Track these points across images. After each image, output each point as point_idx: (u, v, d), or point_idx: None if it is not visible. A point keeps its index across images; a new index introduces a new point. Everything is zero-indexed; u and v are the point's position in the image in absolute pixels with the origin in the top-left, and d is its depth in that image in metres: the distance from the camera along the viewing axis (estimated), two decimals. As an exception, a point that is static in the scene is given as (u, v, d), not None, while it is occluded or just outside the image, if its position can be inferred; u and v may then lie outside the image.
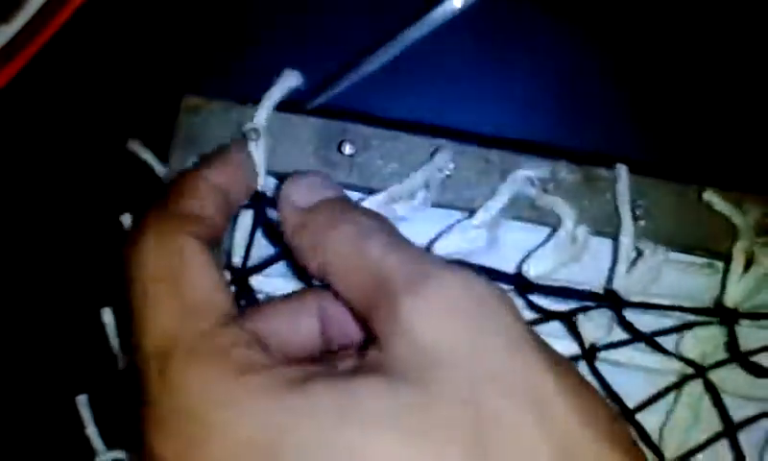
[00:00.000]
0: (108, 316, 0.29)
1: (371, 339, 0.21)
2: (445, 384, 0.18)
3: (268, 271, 0.28)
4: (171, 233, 0.21)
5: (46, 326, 0.32)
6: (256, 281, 0.28)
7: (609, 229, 0.28)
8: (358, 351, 0.22)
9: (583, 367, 0.28)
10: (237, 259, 0.27)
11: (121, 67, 0.32)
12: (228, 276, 0.27)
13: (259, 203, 0.27)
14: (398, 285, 0.20)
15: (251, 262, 0.28)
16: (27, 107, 0.32)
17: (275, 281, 0.28)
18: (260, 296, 0.28)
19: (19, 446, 0.32)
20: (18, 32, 0.29)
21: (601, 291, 0.27)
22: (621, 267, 0.27)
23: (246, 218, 0.27)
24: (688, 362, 0.28)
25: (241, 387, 0.18)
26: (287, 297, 0.25)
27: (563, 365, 0.19)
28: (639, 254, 0.27)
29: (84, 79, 0.32)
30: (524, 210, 0.28)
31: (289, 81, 0.27)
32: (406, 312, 0.19)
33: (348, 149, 0.27)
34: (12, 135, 0.32)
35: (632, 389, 0.28)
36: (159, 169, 0.27)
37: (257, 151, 0.26)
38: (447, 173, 0.27)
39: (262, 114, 0.27)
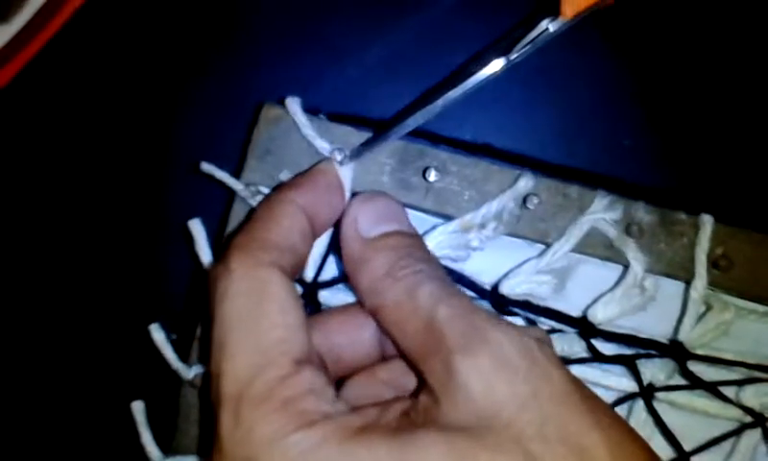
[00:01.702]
0: (157, 333, 0.28)
1: (421, 382, 0.22)
2: (496, 436, 0.19)
3: (336, 285, 0.28)
4: (256, 266, 0.22)
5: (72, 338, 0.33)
6: (323, 296, 0.28)
7: (682, 273, 0.28)
8: (410, 395, 0.23)
9: (639, 405, 0.29)
10: (308, 273, 0.28)
11: (121, 67, 0.32)
12: (298, 289, 0.27)
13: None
14: (452, 342, 0.21)
15: (320, 275, 0.28)
16: (27, 107, 0.32)
17: (342, 296, 0.28)
18: (325, 309, 0.29)
19: (75, 452, 0.33)
20: (18, 32, 0.29)
21: (666, 341, 0.27)
22: (689, 321, 0.27)
23: (323, 235, 0.27)
24: (748, 411, 0.28)
25: (306, 439, 0.19)
26: (351, 310, 0.26)
27: (607, 417, 0.20)
28: (709, 307, 0.27)
29: (84, 79, 0.32)
30: (599, 248, 0.28)
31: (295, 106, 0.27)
32: (461, 371, 0.20)
33: (432, 176, 0.27)
34: (13, 135, 0.32)
35: (688, 431, 0.28)
36: (237, 186, 0.27)
37: (344, 172, 0.26)
38: (530, 208, 0.27)
39: (321, 143, 0.27)
